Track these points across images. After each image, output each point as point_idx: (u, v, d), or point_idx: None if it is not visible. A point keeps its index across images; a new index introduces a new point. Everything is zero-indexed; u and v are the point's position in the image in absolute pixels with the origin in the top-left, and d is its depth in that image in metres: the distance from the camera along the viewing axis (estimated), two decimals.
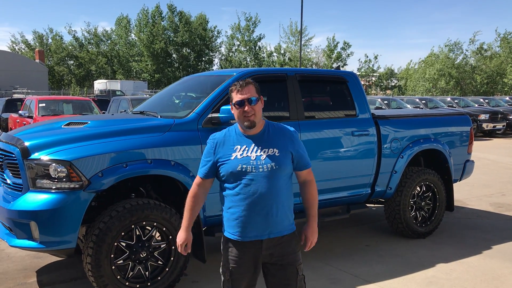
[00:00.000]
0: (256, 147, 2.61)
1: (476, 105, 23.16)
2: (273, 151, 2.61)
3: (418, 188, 5.84)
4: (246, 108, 2.57)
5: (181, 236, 2.74)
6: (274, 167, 2.58)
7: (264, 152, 2.60)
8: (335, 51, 48.87)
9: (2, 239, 3.98)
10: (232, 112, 2.66)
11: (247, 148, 2.62)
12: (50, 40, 57.38)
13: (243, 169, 2.57)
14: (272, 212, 2.60)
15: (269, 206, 2.59)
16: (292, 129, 2.75)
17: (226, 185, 2.65)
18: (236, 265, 2.66)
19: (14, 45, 57.73)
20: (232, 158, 2.60)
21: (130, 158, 3.87)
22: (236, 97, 2.61)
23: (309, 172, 2.78)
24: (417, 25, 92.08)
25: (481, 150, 14.98)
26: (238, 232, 2.62)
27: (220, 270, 2.78)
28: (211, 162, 2.67)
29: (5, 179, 4.15)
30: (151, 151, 3.97)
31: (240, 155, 2.60)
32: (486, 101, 25.36)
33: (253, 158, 2.59)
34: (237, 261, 2.66)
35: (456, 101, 23.46)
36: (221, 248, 2.76)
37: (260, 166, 2.57)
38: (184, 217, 2.75)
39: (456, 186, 6.57)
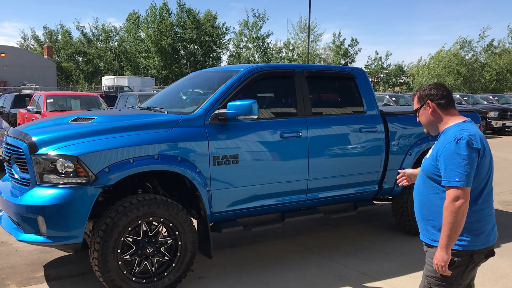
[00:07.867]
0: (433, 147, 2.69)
1: (485, 102, 22.93)
2: (429, 154, 2.65)
3: None
4: (418, 119, 2.74)
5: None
6: (421, 168, 2.68)
7: (429, 153, 2.66)
8: (342, 47, 48.56)
9: (10, 234, 4.01)
10: None
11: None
12: (59, 36, 57.62)
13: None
14: (417, 211, 2.70)
15: (416, 204, 2.72)
16: (452, 137, 2.45)
17: None
18: None
19: (23, 40, 58.07)
20: None
21: (137, 153, 3.87)
22: None
23: (448, 192, 2.42)
24: (427, 22, 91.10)
25: (490, 147, 14.83)
26: None
27: None
28: None
29: (13, 174, 4.17)
30: (158, 146, 3.97)
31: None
32: (496, 98, 25.13)
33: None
34: None
35: (465, 98, 23.26)
36: None
37: (423, 166, 2.68)
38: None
39: None
